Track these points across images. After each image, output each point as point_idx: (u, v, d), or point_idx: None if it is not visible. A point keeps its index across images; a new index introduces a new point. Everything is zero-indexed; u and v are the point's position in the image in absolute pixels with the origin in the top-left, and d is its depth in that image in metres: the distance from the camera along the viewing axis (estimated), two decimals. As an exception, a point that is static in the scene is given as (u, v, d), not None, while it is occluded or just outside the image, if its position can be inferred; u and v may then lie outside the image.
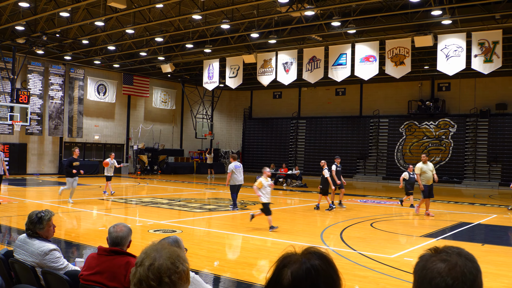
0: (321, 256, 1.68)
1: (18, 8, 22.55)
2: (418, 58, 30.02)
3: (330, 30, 24.02)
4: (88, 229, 13.14)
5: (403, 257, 9.87)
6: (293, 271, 1.63)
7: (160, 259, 2.17)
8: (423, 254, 1.66)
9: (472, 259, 1.60)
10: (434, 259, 1.60)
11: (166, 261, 2.16)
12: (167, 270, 2.15)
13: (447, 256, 1.59)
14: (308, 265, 1.63)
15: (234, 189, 17.14)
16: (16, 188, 23.71)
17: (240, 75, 29.08)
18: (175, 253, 2.22)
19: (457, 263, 1.56)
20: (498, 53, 20.50)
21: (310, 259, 1.65)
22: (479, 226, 14.76)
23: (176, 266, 2.17)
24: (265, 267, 8.92)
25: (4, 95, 29.35)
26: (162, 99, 40.81)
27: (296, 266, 1.64)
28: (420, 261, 1.64)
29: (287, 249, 1.73)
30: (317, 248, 1.71)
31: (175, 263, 2.17)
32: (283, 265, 1.67)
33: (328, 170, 17.75)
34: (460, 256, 1.59)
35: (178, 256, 2.22)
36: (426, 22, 22.18)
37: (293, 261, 1.66)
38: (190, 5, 22.43)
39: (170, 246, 2.28)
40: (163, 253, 2.20)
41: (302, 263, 1.64)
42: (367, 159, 37.80)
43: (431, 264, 1.58)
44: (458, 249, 1.63)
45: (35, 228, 5.08)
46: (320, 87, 39.50)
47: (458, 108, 34.73)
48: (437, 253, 1.62)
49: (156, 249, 2.23)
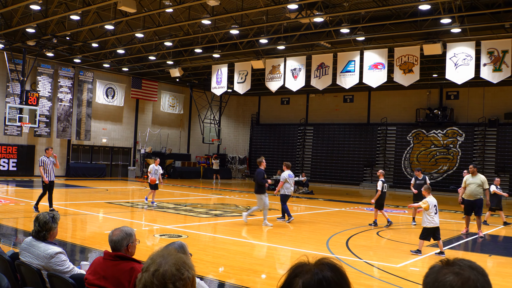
0: (334, 268, 1.66)
1: (29, 10, 22.71)
2: (427, 66, 29.93)
3: (339, 37, 24.02)
4: (94, 232, 13.16)
5: (409, 267, 9.81)
6: (304, 281, 1.61)
7: (165, 265, 2.17)
8: (433, 266, 1.64)
9: (483, 273, 1.58)
10: (446, 271, 1.58)
11: (172, 268, 2.16)
12: (172, 276, 2.15)
13: (459, 269, 1.57)
14: (320, 276, 1.61)
15: (286, 198, 16.23)
16: (23, 189, 23.80)
17: (248, 80, 29.10)
18: (181, 259, 2.22)
19: (470, 277, 1.54)
20: (508, 62, 20.42)
21: (322, 270, 1.63)
22: (486, 237, 14.65)
23: (181, 272, 2.17)
24: (271, 274, 8.89)
25: (14, 97, 29.51)
26: (170, 103, 40.91)
27: (307, 277, 1.62)
28: (431, 272, 1.62)
29: (300, 258, 1.71)
30: (331, 259, 1.69)
31: (180, 269, 2.17)
32: (295, 274, 1.65)
33: (383, 182, 16.18)
34: (473, 270, 1.57)
35: (184, 263, 2.22)
36: (435, 30, 22.14)
37: (305, 271, 1.64)
38: (200, 10, 22.51)
39: (177, 252, 2.28)
40: (169, 259, 2.20)
41: (314, 273, 1.62)
42: (374, 166, 37.66)
43: (444, 276, 1.56)
44: (470, 262, 1.61)
45: (50, 229, 5.09)
46: (328, 93, 39.50)
47: (467, 117, 34.57)
48: (448, 265, 1.60)
49: (163, 255, 2.24)
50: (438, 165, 34.94)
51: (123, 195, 24.38)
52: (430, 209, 10.77)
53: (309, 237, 13.37)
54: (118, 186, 29.93)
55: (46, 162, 15.50)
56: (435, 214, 10.82)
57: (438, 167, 34.86)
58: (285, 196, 16.17)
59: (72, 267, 5.11)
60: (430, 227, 10.79)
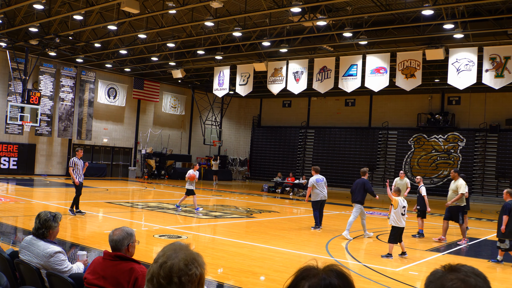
0: (341, 275, 1.65)
1: (33, 10, 22.74)
2: (429, 71, 29.94)
3: (341, 41, 24.03)
4: (93, 231, 13.16)
5: (408, 271, 9.82)
6: (310, 284, 1.61)
7: (174, 259, 2.20)
8: (435, 271, 1.62)
9: (485, 279, 1.58)
10: (451, 277, 1.56)
11: (180, 262, 2.20)
12: (179, 271, 2.18)
13: (465, 275, 1.55)
14: (327, 282, 1.61)
15: (316, 205, 15.24)
16: (24, 188, 23.82)
17: (250, 83, 29.12)
18: (191, 255, 2.25)
19: (477, 284, 1.53)
20: (510, 69, 20.42)
21: (330, 276, 1.63)
22: (485, 242, 14.65)
23: (189, 268, 2.20)
24: (270, 276, 8.89)
25: (15, 96, 29.55)
26: (171, 104, 40.93)
27: (314, 281, 1.62)
28: (434, 279, 1.60)
29: (309, 262, 1.71)
30: (339, 266, 1.69)
31: (188, 265, 2.20)
32: (302, 277, 1.65)
33: (425, 187, 15.15)
34: (477, 277, 1.56)
35: (194, 259, 2.24)
36: (437, 36, 22.15)
37: (313, 275, 1.64)
38: (203, 12, 22.53)
39: (189, 248, 2.30)
40: (180, 253, 2.24)
41: (322, 279, 1.62)
42: (375, 170, 37.68)
43: (450, 283, 1.55)
44: (473, 269, 1.60)
45: (50, 227, 5.10)
46: (329, 97, 39.54)
47: (468, 122, 34.58)
48: (451, 271, 1.59)
49: (174, 249, 2.28)
50: (438, 170, 34.93)
51: (123, 195, 24.39)
52: (398, 208, 10.83)
53: (309, 240, 13.37)
54: (119, 186, 29.95)
55: (77, 164, 15.31)
56: (403, 215, 10.87)
57: (439, 171, 34.86)
58: (315, 203, 15.25)
59: (71, 267, 5.11)
60: (398, 226, 10.84)
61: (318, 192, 15.09)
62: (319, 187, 15.11)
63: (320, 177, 15.20)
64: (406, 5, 19.65)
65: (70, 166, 15.31)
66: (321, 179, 15.23)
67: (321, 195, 15.12)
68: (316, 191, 15.09)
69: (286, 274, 1.71)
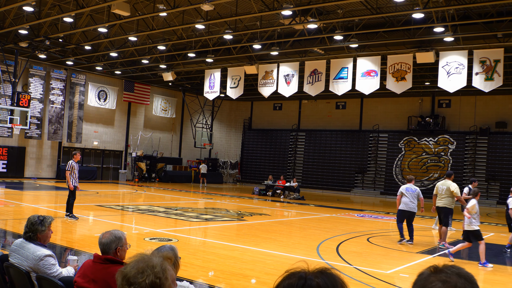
0: (331, 278, 1.62)
1: (22, 12, 22.63)
2: (419, 74, 30.10)
3: (332, 44, 24.10)
4: (83, 235, 13.09)
5: (399, 273, 9.84)
6: (289, 283, 1.61)
7: (130, 268, 2.36)
8: (422, 273, 1.63)
9: (471, 280, 1.57)
10: (433, 279, 1.57)
11: (132, 270, 2.35)
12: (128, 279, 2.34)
13: (446, 276, 1.56)
14: (313, 283, 1.58)
15: (403, 216, 13.90)
16: (13, 191, 23.65)
17: (241, 85, 29.13)
18: (147, 264, 2.35)
19: (457, 284, 1.53)
20: (499, 72, 20.57)
21: (317, 277, 1.61)
22: (476, 244, 14.69)
23: (139, 276, 2.31)
24: (260, 279, 8.87)
25: (5, 98, 29.36)
26: (162, 107, 40.84)
27: (300, 282, 1.60)
28: (418, 280, 1.61)
29: (298, 263, 1.70)
30: (330, 269, 1.66)
31: (138, 274, 2.32)
32: (288, 277, 1.64)
33: None
34: (460, 277, 1.56)
35: (149, 267, 2.33)
36: (428, 39, 22.28)
37: (298, 276, 1.62)
38: (194, 15, 22.52)
39: (153, 259, 2.41)
40: (140, 263, 2.37)
41: (299, 278, 1.61)
42: (365, 173, 37.79)
43: (430, 284, 1.55)
44: (458, 269, 1.60)
45: (36, 230, 5.06)
46: (320, 100, 39.61)
47: (458, 125, 34.78)
48: (436, 273, 1.59)
49: (138, 260, 2.41)
50: (429, 172, 35.10)
51: (113, 198, 24.27)
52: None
53: (300, 243, 13.37)
54: (109, 189, 29.81)
55: (75, 167, 15.08)
56: None
57: (429, 174, 35.03)
58: (400, 212, 13.94)
59: (60, 271, 5.06)
60: None
61: (407, 201, 13.76)
62: (408, 196, 13.79)
63: (412, 187, 13.93)
64: (396, 8, 19.75)
65: (67, 169, 15.02)
66: (413, 189, 13.88)
67: (410, 205, 13.76)
68: (405, 200, 13.79)
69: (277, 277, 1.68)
